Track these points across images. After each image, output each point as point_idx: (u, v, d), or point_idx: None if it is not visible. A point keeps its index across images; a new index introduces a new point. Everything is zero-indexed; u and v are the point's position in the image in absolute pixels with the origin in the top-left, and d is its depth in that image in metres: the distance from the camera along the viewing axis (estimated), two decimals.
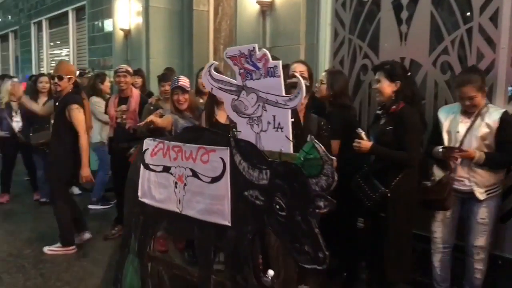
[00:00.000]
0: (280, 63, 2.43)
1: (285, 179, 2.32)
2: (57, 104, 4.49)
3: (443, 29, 3.69)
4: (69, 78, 4.38)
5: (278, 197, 2.33)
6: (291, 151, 2.45)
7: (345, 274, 3.81)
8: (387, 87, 3.21)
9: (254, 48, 2.47)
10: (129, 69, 4.84)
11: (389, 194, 3.14)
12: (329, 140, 3.30)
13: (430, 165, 3.29)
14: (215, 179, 2.68)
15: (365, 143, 3.16)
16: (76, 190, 6.46)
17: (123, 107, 4.75)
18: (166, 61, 6.41)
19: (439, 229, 3.28)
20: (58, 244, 4.54)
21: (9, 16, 13.53)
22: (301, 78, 2.45)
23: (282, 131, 2.49)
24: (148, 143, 3.12)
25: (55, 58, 11.22)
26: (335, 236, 3.83)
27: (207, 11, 6.52)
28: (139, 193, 3.16)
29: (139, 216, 3.24)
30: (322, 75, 3.87)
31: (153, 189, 3.07)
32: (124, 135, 4.68)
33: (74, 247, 4.55)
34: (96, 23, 8.54)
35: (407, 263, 3.30)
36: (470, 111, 3.11)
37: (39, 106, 5.55)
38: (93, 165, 6.07)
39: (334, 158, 2.24)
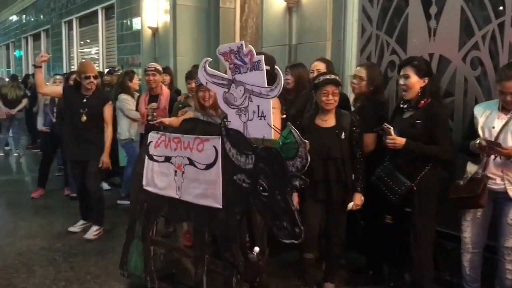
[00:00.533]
0: (263, 57, 2.66)
1: (267, 163, 2.62)
2: (87, 100, 4.72)
3: (473, 23, 3.61)
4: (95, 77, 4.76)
5: (261, 179, 2.63)
6: (272, 137, 2.69)
7: (371, 272, 3.78)
8: (416, 83, 3.18)
9: (241, 44, 2.73)
10: (158, 67, 4.93)
11: (415, 188, 3.14)
12: (362, 135, 3.38)
13: (463, 163, 3.21)
14: (209, 166, 3.00)
15: (400, 139, 3.12)
16: (105, 186, 6.59)
17: (154, 104, 4.85)
18: (193, 59, 6.45)
19: (469, 229, 3.21)
20: (97, 227, 4.84)
21: (41, 16, 13.87)
22: (280, 71, 2.64)
23: (264, 119, 2.72)
24: (152, 136, 3.44)
25: (85, 56, 11.45)
26: (361, 234, 3.82)
27: (233, 9, 6.55)
28: (144, 182, 3.46)
29: (143, 204, 3.52)
30: (357, 70, 3.79)
31: (156, 177, 3.37)
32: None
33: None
34: (124, 21, 8.66)
35: (431, 260, 3.29)
36: (510, 107, 3.02)
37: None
38: (122, 161, 6.20)
39: (307, 141, 2.56)
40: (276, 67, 2.84)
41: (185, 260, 3.87)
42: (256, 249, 2.96)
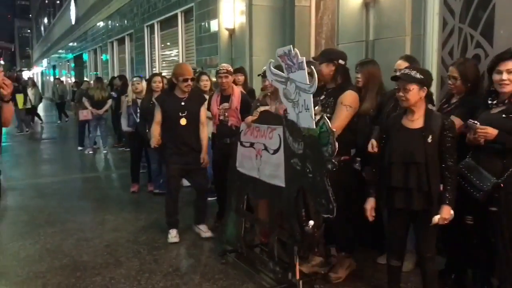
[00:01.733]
0: (304, 59, 3.13)
1: (311, 149, 3.21)
2: (185, 103, 4.72)
3: None
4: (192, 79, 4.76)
5: (308, 163, 3.24)
6: (314, 126, 3.16)
7: (453, 275, 3.62)
8: None
9: (290, 49, 3.22)
10: (230, 69, 4.95)
11: (502, 185, 2.97)
12: (454, 140, 3.01)
13: None
14: (275, 151, 3.68)
15: (492, 130, 2.94)
16: (185, 182, 6.83)
17: (225, 105, 4.92)
18: (268, 58, 6.46)
19: None
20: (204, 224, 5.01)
21: (125, 21, 14.61)
22: (314, 70, 3.12)
23: (308, 111, 3.20)
24: (243, 126, 4.18)
25: (166, 59, 11.91)
26: (443, 235, 3.66)
27: (308, 7, 6.53)
28: (237, 164, 4.21)
29: (237, 182, 4.22)
30: (450, 69, 3.59)
31: (244, 160, 4.12)
32: (226, 131, 4.87)
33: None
34: (202, 23, 8.91)
35: None
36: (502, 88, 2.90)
37: None
38: None
39: (334, 130, 3.03)
40: (312, 67, 3.19)
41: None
42: (311, 222, 3.36)
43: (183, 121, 4.67)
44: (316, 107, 3.65)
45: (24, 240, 4.93)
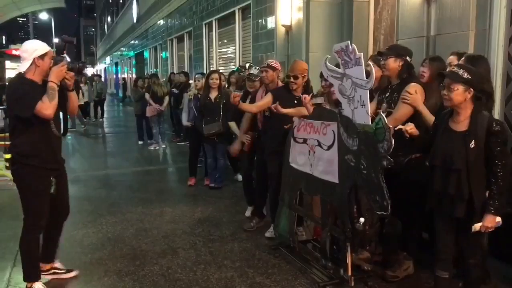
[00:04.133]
0: (361, 55, 3.14)
1: (366, 145, 3.18)
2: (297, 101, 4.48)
3: None
4: (303, 77, 4.51)
5: (362, 159, 3.22)
6: (370, 123, 3.14)
7: None
8: None
9: (348, 44, 3.23)
10: (274, 64, 4.80)
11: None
12: (505, 145, 2.86)
13: None
14: (329, 147, 3.69)
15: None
16: (239, 177, 6.94)
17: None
18: (326, 55, 6.47)
19: None
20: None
21: (184, 19, 14.94)
22: (372, 65, 3.16)
23: (364, 107, 3.19)
24: (296, 121, 4.18)
25: (223, 56, 12.09)
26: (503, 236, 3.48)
27: (367, 2, 6.41)
28: (290, 159, 4.25)
29: (290, 177, 4.27)
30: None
31: (297, 156, 4.14)
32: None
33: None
34: (259, 20, 8.97)
35: None
36: None
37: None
38: None
39: (391, 126, 2.96)
40: (370, 62, 3.21)
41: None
42: (362, 219, 3.39)
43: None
44: (383, 104, 3.62)
45: (88, 228, 5.19)
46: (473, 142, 2.80)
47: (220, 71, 7.71)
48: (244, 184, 5.48)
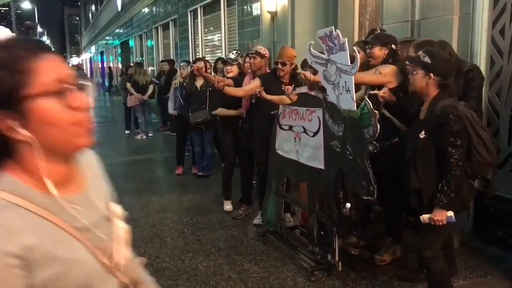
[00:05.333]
0: (346, 40, 3.12)
1: (351, 131, 3.16)
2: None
3: None
4: (291, 63, 4.47)
5: (348, 145, 3.20)
6: (355, 108, 3.14)
7: None
8: None
9: (332, 30, 3.22)
10: (262, 51, 4.76)
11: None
12: (458, 134, 2.65)
13: None
14: (315, 133, 3.68)
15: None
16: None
17: None
18: (312, 41, 6.45)
19: None
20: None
21: (169, 6, 14.77)
22: (357, 51, 3.31)
23: (349, 93, 3.18)
24: (281, 108, 4.15)
25: (208, 44, 12.00)
26: None
27: None
28: (276, 146, 4.25)
29: (276, 164, 4.28)
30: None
31: (283, 143, 4.14)
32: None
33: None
34: (245, 7, 8.90)
35: None
36: None
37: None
38: None
39: (376, 111, 2.94)
40: (355, 47, 3.26)
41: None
42: (348, 205, 3.38)
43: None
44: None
45: None
46: (423, 132, 2.76)
47: (206, 58, 7.66)
48: (227, 178, 5.33)
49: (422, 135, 2.76)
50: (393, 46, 3.73)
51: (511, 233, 3.78)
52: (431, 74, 2.76)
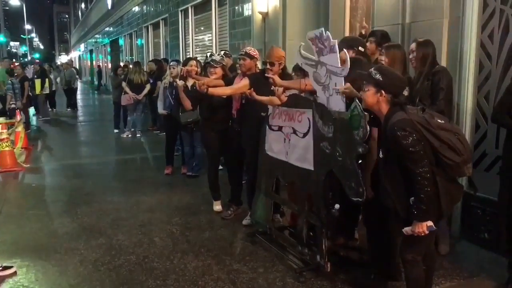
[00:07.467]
0: (336, 42, 3.16)
1: (341, 132, 3.19)
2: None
3: None
4: (280, 64, 4.42)
5: (338, 146, 3.22)
6: (345, 110, 3.17)
7: None
8: None
9: (322, 31, 3.24)
10: (252, 52, 4.74)
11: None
12: (408, 153, 2.57)
13: None
14: (304, 134, 3.68)
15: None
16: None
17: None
18: (303, 42, 6.47)
19: None
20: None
21: (160, 5, 14.71)
22: (347, 54, 3.20)
23: (339, 94, 3.22)
24: (271, 109, 4.14)
25: (199, 43, 11.96)
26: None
27: None
28: (266, 147, 4.24)
29: (266, 165, 4.26)
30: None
31: (273, 144, 4.13)
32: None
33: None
34: (236, 7, 8.89)
35: None
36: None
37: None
38: None
39: (366, 113, 2.93)
40: (344, 50, 3.25)
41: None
42: (337, 206, 3.42)
43: None
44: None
45: (62, 218, 5.11)
46: (380, 152, 2.77)
47: (197, 58, 7.63)
48: (213, 179, 5.28)
49: (380, 155, 2.79)
50: (360, 48, 3.68)
51: (498, 234, 3.82)
52: (382, 91, 2.72)
